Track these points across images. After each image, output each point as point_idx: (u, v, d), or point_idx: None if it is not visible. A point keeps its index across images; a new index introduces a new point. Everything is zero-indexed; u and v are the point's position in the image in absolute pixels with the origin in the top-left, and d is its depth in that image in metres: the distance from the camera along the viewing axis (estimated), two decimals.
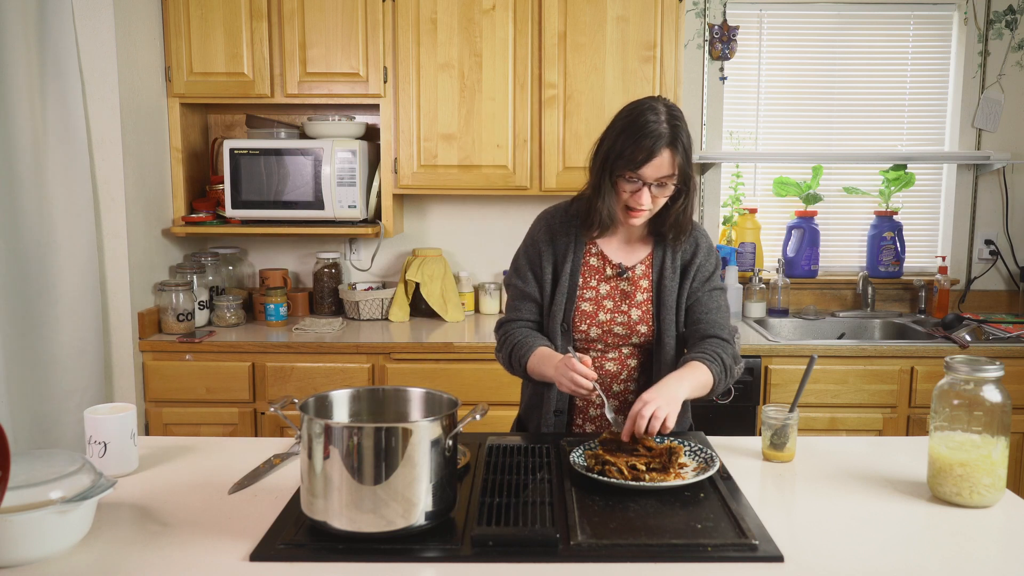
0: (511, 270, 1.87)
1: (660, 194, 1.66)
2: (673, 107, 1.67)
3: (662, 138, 1.60)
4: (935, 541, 1.27)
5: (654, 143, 1.60)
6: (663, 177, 1.63)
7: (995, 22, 3.36)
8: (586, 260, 1.79)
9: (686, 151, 1.64)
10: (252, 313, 3.25)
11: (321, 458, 1.21)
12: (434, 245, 3.45)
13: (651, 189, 1.64)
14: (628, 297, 1.77)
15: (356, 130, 3.12)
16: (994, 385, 1.38)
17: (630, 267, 1.78)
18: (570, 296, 1.77)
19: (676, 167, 1.63)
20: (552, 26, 2.98)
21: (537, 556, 1.18)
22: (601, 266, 1.79)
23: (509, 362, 1.79)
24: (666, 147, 1.61)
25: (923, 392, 2.82)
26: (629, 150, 1.62)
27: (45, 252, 2.48)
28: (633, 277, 1.78)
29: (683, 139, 1.63)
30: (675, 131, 1.62)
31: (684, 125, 1.65)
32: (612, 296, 1.78)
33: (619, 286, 1.78)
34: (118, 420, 1.51)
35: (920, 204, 3.55)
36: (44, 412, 2.49)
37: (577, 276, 1.78)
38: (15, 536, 1.13)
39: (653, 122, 1.61)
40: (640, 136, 1.60)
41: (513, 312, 1.84)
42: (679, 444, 1.50)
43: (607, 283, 1.78)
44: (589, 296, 1.78)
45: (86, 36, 2.65)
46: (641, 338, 1.76)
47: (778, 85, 3.48)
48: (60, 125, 2.53)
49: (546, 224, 1.82)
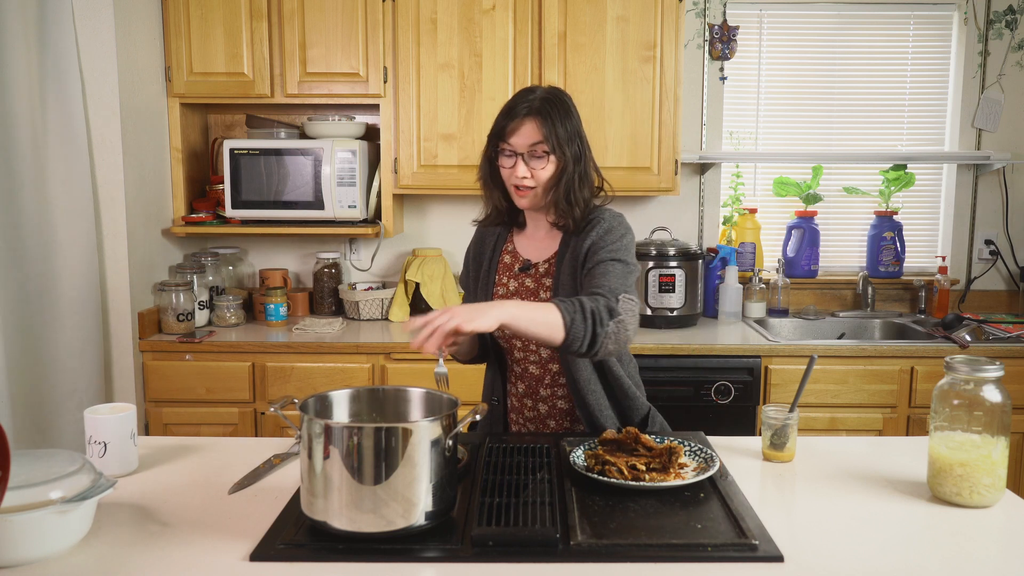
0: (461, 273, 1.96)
1: (537, 166, 1.67)
2: (556, 90, 1.71)
3: (528, 108, 1.66)
4: (935, 541, 1.27)
5: (519, 111, 1.66)
6: (533, 145, 1.65)
7: (995, 22, 3.36)
8: (502, 258, 1.83)
9: (557, 124, 1.65)
10: (252, 313, 3.25)
11: (321, 458, 1.21)
12: (434, 245, 3.45)
13: (525, 160, 1.66)
14: (532, 295, 1.77)
15: (356, 130, 3.12)
16: (994, 385, 1.38)
17: (535, 263, 1.78)
18: (486, 292, 1.81)
19: (543, 135, 1.64)
20: (552, 26, 2.98)
21: (537, 556, 1.18)
22: (512, 262, 1.81)
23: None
24: (532, 116, 1.65)
25: (923, 392, 2.82)
26: (500, 124, 1.68)
27: (45, 252, 2.48)
28: (537, 274, 1.77)
29: (554, 111, 1.65)
30: (545, 103, 1.66)
31: (562, 105, 1.68)
32: (520, 293, 1.78)
33: (524, 283, 1.78)
34: (118, 420, 1.51)
35: (920, 204, 3.55)
36: (44, 412, 2.48)
37: (493, 273, 1.82)
38: (15, 536, 1.13)
39: (525, 96, 1.68)
40: (510, 109, 1.68)
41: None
42: (679, 444, 1.50)
43: (515, 279, 1.79)
44: (501, 293, 1.80)
45: (86, 36, 2.65)
46: None
47: (778, 85, 3.48)
48: (60, 126, 2.53)
49: (480, 226, 1.89)
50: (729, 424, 2.81)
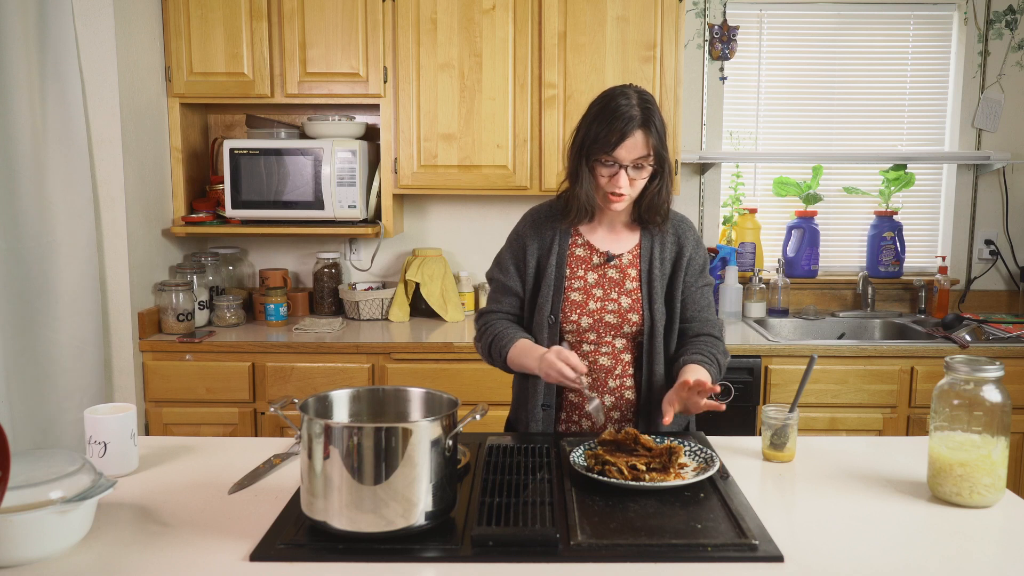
0: (493, 265, 1.89)
1: (638, 176, 1.69)
2: (644, 92, 1.71)
3: (634, 120, 1.65)
4: (935, 541, 1.27)
5: (626, 124, 1.64)
6: (638, 158, 1.67)
7: (995, 22, 3.36)
8: (572, 251, 1.81)
9: (659, 133, 1.67)
10: (252, 313, 3.25)
11: (321, 458, 1.21)
12: (434, 245, 3.45)
13: (628, 172, 1.68)
14: (617, 285, 1.78)
15: (356, 130, 3.12)
16: (994, 385, 1.38)
17: (617, 255, 1.79)
18: (557, 287, 1.79)
19: (650, 148, 1.66)
20: (552, 26, 2.98)
21: (537, 556, 1.18)
22: (588, 255, 1.81)
23: (488, 352, 1.82)
24: (639, 128, 1.65)
25: (923, 392, 2.82)
26: (603, 133, 1.66)
27: (45, 252, 2.48)
28: (621, 265, 1.79)
29: (655, 121, 1.67)
30: (647, 113, 1.66)
31: (656, 109, 1.69)
32: (601, 284, 1.78)
33: (607, 273, 1.79)
34: (118, 420, 1.51)
35: (920, 204, 3.55)
36: (44, 412, 2.48)
37: (564, 267, 1.80)
38: (15, 536, 1.13)
39: (625, 105, 1.66)
40: (613, 119, 1.65)
41: (493, 303, 1.86)
42: (679, 444, 1.50)
43: (594, 272, 1.79)
44: (577, 286, 1.79)
45: (86, 36, 2.65)
46: (633, 327, 1.76)
47: (778, 85, 3.48)
48: (60, 125, 2.53)
49: (531, 219, 1.85)
50: (729, 424, 2.81)
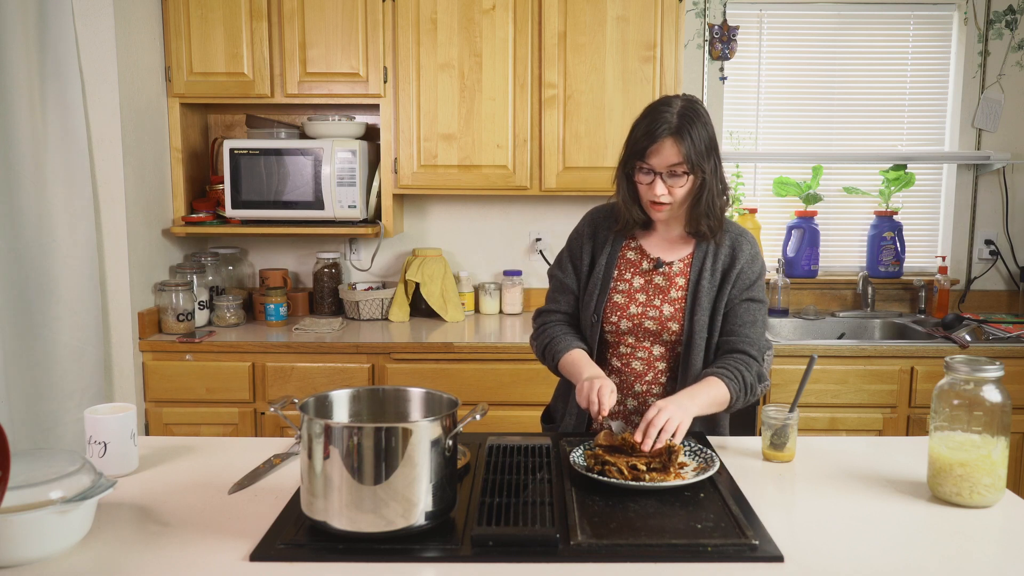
0: (554, 262, 1.93)
1: (675, 184, 1.69)
2: (692, 102, 1.71)
3: (667, 128, 1.65)
4: (935, 541, 1.27)
5: (657, 131, 1.66)
6: (672, 166, 1.67)
7: (995, 22, 3.36)
8: (623, 254, 1.83)
9: (695, 142, 1.66)
10: (252, 313, 3.25)
11: (321, 458, 1.21)
12: (434, 245, 3.45)
13: (664, 179, 1.68)
14: (662, 292, 1.78)
15: (356, 130, 3.12)
16: (994, 385, 1.38)
17: (668, 263, 1.80)
18: (603, 287, 1.80)
19: (683, 156, 1.66)
20: (552, 26, 2.98)
21: (537, 556, 1.18)
22: (638, 260, 1.82)
23: (543, 354, 1.85)
24: (669, 136, 1.65)
25: (923, 392, 2.82)
26: (638, 142, 1.69)
27: (45, 252, 2.48)
28: (669, 273, 1.79)
29: (692, 130, 1.66)
30: (683, 121, 1.66)
31: (699, 119, 1.68)
32: (645, 290, 1.79)
33: (653, 280, 1.79)
34: (118, 420, 1.51)
35: (920, 204, 3.55)
36: (44, 412, 2.48)
37: (612, 268, 1.81)
38: (15, 536, 1.13)
39: (663, 113, 1.67)
40: (648, 126, 1.68)
41: (552, 303, 1.90)
42: (679, 444, 1.50)
43: (642, 277, 1.80)
44: (622, 288, 1.80)
45: (86, 36, 2.65)
46: (672, 336, 1.76)
47: (778, 85, 3.48)
48: (60, 125, 2.53)
49: (591, 218, 1.89)
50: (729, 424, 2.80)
